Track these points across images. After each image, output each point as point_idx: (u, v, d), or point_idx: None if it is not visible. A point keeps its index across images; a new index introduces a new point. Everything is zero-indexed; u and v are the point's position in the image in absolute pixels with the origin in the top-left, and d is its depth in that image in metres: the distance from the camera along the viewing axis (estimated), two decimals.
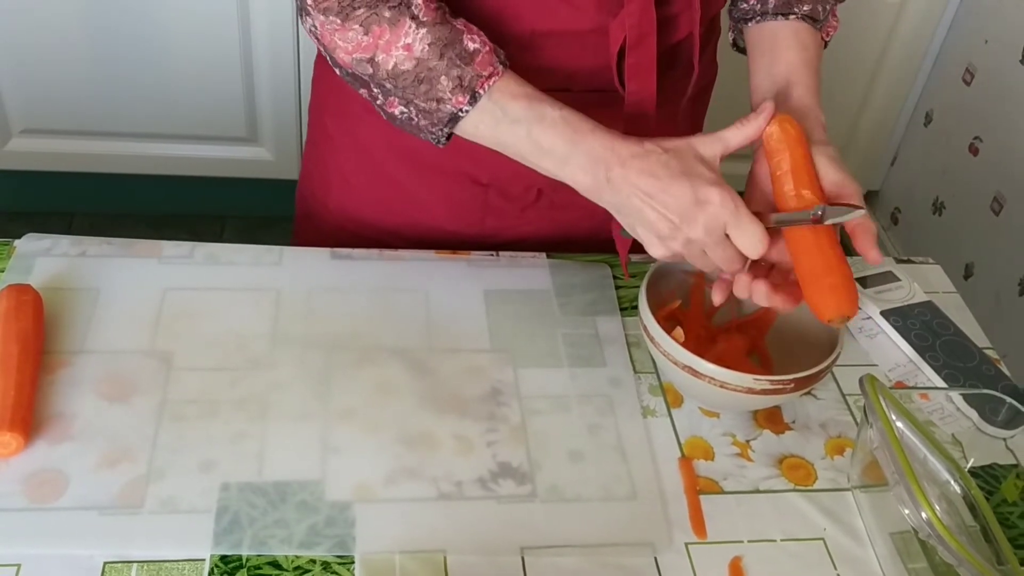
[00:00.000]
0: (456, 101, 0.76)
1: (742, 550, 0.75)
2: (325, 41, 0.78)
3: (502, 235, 1.00)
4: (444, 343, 0.88)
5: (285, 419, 0.80)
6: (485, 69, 0.76)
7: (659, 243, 0.76)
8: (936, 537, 0.66)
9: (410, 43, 0.75)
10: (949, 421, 0.84)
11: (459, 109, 0.77)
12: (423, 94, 0.77)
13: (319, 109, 1.02)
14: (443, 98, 0.76)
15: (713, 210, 0.74)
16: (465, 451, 0.79)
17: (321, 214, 1.05)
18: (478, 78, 0.76)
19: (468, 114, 0.77)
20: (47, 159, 2.05)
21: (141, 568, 0.69)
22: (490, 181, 0.96)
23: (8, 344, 0.79)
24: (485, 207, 0.97)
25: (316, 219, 1.06)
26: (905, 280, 1.01)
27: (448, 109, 0.77)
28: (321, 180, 1.04)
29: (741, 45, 0.94)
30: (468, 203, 0.98)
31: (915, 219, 2.26)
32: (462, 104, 0.76)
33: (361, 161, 0.99)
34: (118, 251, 0.93)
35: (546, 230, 1.01)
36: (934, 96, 2.19)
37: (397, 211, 1.00)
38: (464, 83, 0.76)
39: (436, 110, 0.77)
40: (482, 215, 0.98)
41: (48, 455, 0.75)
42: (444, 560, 0.72)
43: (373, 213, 1.01)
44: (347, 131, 0.98)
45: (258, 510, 0.73)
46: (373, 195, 1.00)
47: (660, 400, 0.86)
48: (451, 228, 1.00)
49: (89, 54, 1.91)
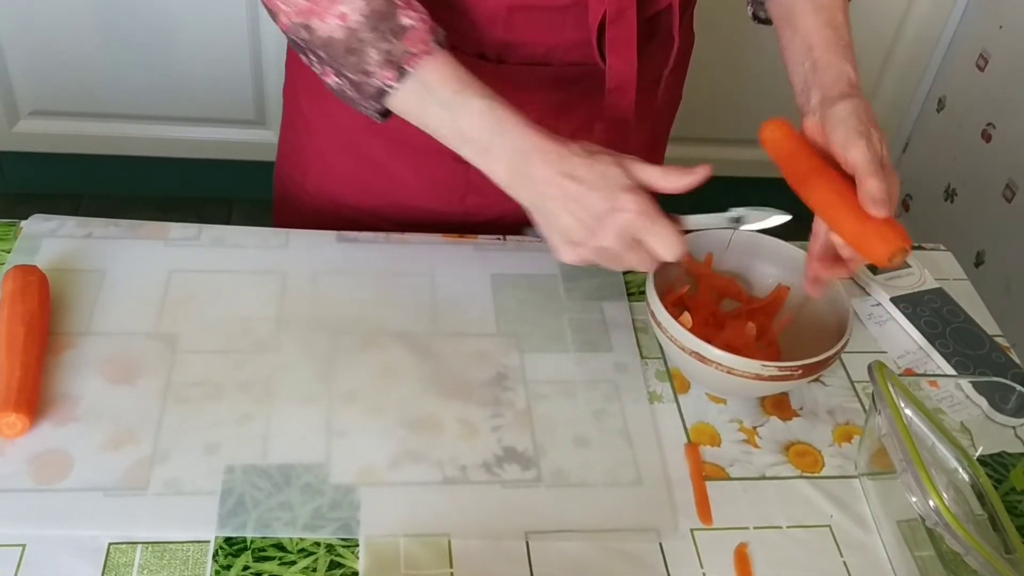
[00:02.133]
0: (383, 76, 0.75)
1: (748, 536, 0.75)
2: (270, 4, 0.77)
3: (484, 213, 0.99)
4: (450, 327, 0.88)
5: (290, 402, 0.79)
6: (416, 46, 0.74)
7: (570, 248, 0.75)
8: (943, 525, 0.65)
9: (345, 12, 0.74)
10: (958, 409, 0.84)
11: (386, 84, 0.75)
12: (352, 65, 0.75)
13: (293, 90, 1.01)
14: (371, 71, 0.75)
15: (626, 217, 0.72)
16: (470, 435, 0.79)
17: (299, 196, 1.04)
18: (407, 54, 0.74)
19: (396, 91, 0.75)
20: (55, 141, 2.05)
21: (146, 549, 0.69)
22: None
23: (14, 325, 0.79)
24: (466, 184, 0.96)
25: (295, 201, 1.05)
26: (915, 267, 1.00)
27: (375, 83, 0.75)
28: (298, 161, 1.04)
29: (762, 17, 0.92)
30: (448, 181, 0.96)
31: (926, 206, 2.24)
32: (389, 79, 0.75)
33: (338, 141, 0.98)
34: (124, 233, 0.92)
35: None
36: (947, 82, 2.17)
37: (376, 191, 0.99)
38: (392, 58, 0.74)
39: (365, 83, 0.76)
40: (463, 192, 0.97)
41: (53, 436, 0.75)
42: (448, 544, 0.72)
43: (352, 194, 1.00)
44: (322, 111, 0.97)
45: (263, 492, 0.73)
46: (351, 175, 0.99)
47: (667, 386, 0.86)
48: (432, 207, 0.99)
49: (98, 36, 1.90)
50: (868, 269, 0.99)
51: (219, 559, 0.69)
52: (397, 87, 0.75)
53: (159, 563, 0.68)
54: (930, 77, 2.20)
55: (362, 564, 0.70)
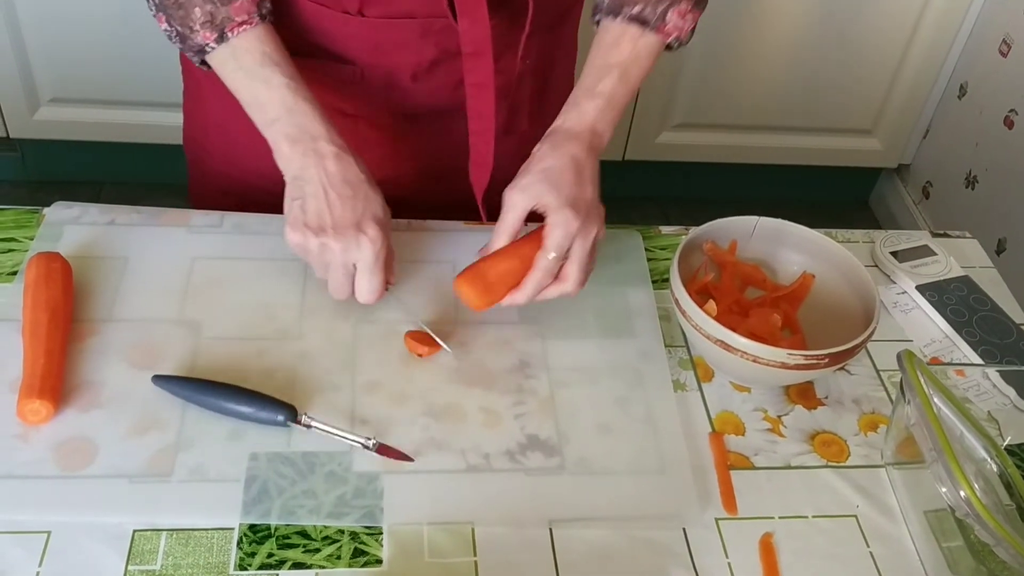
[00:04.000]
0: (204, 35, 0.81)
1: (773, 526, 0.75)
2: None
3: (378, 173, 0.94)
4: (472, 315, 0.87)
5: (313, 390, 0.79)
6: (240, 15, 0.80)
7: (300, 233, 0.79)
8: (975, 516, 0.65)
9: None
10: (985, 398, 0.83)
11: (206, 44, 0.81)
12: (180, 18, 0.81)
13: (185, 60, 1.01)
14: (193, 28, 0.81)
15: (363, 242, 0.78)
16: (493, 423, 0.79)
17: (205, 161, 1.06)
18: (229, 20, 0.80)
19: (214, 51, 0.81)
20: (76, 128, 2.05)
21: (170, 536, 0.69)
22: (356, 112, 0.95)
23: (37, 312, 0.79)
24: (357, 140, 0.91)
25: (202, 166, 1.06)
26: (941, 254, 0.99)
27: (198, 40, 0.81)
28: (201, 129, 1.05)
29: None
30: None
31: (947, 193, 2.22)
32: (209, 40, 0.81)
33: (231, 107, 0.94)
34: (147, 220, 0.92)
35: (420, 158, 1.01)
36: (969, 67, 2.14)
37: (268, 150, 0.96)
38: (215, 21, 0.80)
39: (189, 37, 0.81)
40: (357, 150, 0.93)
41: (78, 423, 0.75)
42: (472, 532, 0.72)
43: (253, 158, 0.97)
44: (216, 80, 0.94)
45: (287, 480, 0.73)
46: (251, 143, 0.95)
47: (691, 374, 0.85)
48: None
49: (118, 23, 1.90)
50: (893, 257, 0.98)
51: (243, 546, 0.69)
52: (215, 48, 0.81)
53: (184, 550, 0.69)
54: (952, 62, 2.17)
55: (386, 552, 0.70)
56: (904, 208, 2.35)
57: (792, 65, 2.09)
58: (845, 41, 2.07)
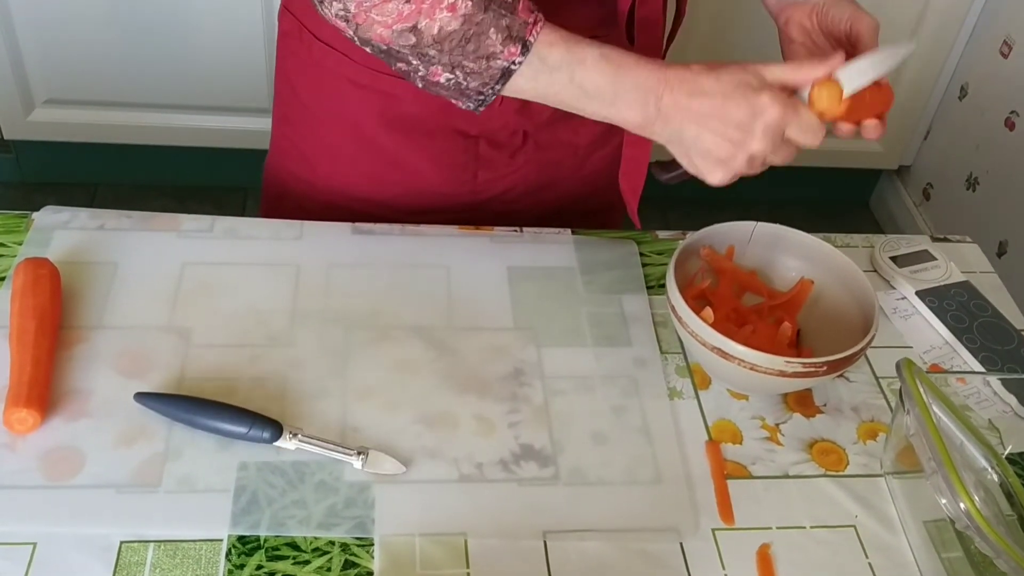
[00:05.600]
0: (508, 53, 0.72)
1: (771, 537, 0.73)
2: (360, 20, 0.74)
3: (492, 188, 0.98)
4: (466, 321, 0.86)
5: (304, 397, 0.78)
6: (529, 16, 0.73)
7: (720, 167, 0.74)
8: (975, 528, 0.64)
9: (453, 2, 0.71)
10: (986, 406, 0.82)
11: (511, 62, 0.73)
12: (471, 53, 0.73)
13: (290, 85, 0.99)
14: (494, 52, 0.72)
15: (772, 116, 0.72)
16: (487, 432, 0.78)
17: (304, 191, 1.02)
18: (525, 25, 0.72)
19: (519, 67, 0.73)
20: (70, 130, 2.04)
21: (158, 547, 0.68)
22: (479, 132, 0.94)
23: (25, 319, 0.78)
24: (477, 160, 0.95)
25: (297, 196, 1.03)
26: (941, 259, 0.98)
27: (500, 64, 0.73)
28: (300, 157, 1.02)
29: None
30: (460, 159, 0.95)
31: (948, 195, 2.21)
32: (515, 55, 0.72)
33: (348, 133, 0.96)
34: (137, 224, 0.91)
35: (533, 174, 1.00)
36: (970, 69, 2.13)
37: (389, 181, 0.97)
38: (513, 33, 0.72)
39: (487, 68, 0.73)
40: (475, 169, 0.96)
41: (65, 432, 0.74)
42: (465, 543, 0.70)
43: (365, 186, 0.98)
44: (329, 106, 0.95)
45: (276, 490, 0.72)
46: (362, 168, 0.98)
47: (687, 381, 0.84)
48: (444, 189, 0.97)
49: (113, 24, 1.89)
50: (893, 262, 0.97)
51: (232, 558, 0.68)
52: (521, 60, 0.73)
53: (171, 562, 0.67)
54: (953, 64, 2.16)
55: (377, 564, 0.69)
56: (904, 210, 2.34)
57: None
58: None
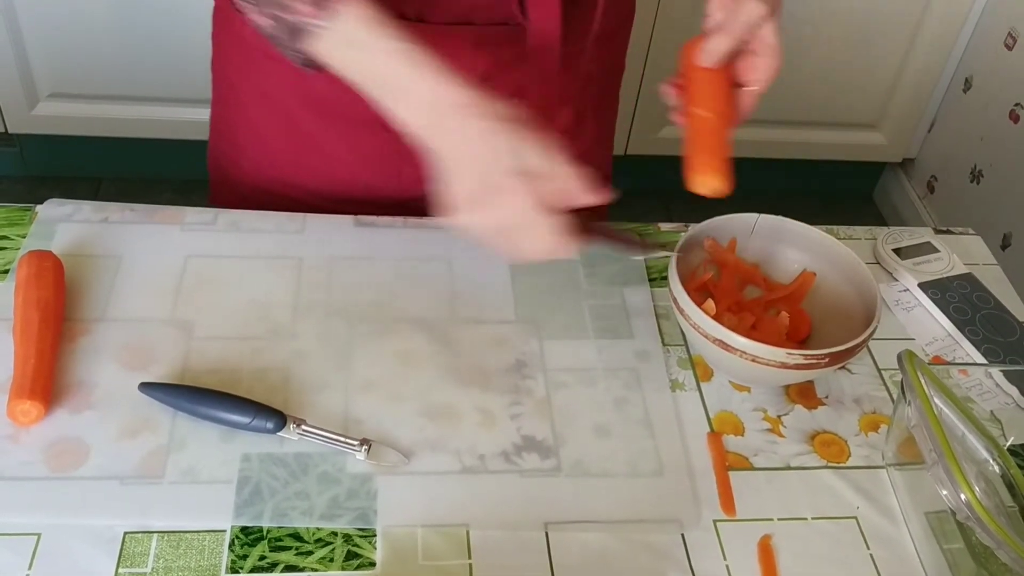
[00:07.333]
0: (308, 13, 0.69)
1: (772, 528, 0.74)
2: None
3: (419, 187, 0.93)
4: (468, 313, 0.86)
5: (306, 390, 0.78)
6: None
7: (467, 209, 0.70)
8: (975, 520, 0.64)
9: None
10: (988, 398, 0.82)
11: (310, 23, 0.69)
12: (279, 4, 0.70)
13: (222, 64, 0.97)
14: (297, 8, 0.69)
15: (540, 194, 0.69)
16: (489, 424, 0.78)
17: (236, 176, 1.01)
18: None
19: (323, 31, 0.69)
20: (74, 123, 2.04)
21: (161, 538, 0.69)
22: None
23: (29, 311, 0.78)
24: (400, 155, 0.88)
25: (232, 183, 1.02)
26: (944, 251, 0.98)
27: (298, 20, 0.70)
28: (231, 140, 1.00)
29: None
30: (381, 150, 0.93)
31: (952, 187, 2.21)
32: (307, 14, 0.69)
33: (271, 115, 0.94)
34: (140, 217, 0.92)
35: None
36: (974, 61, 2.13)
37: (312, 167, 0.96)
38: None
39: (292, 24, 0.70)
40: (399, 164, 0.93)
41: (69, 424, 0.74)
42: (467, 534, 0.71)
43: (288, 170, 0.97)
44: (254, 83, 0.93)
45: (279, 481, 0.72)
46: (285, 148, 0.96)
47: (689, 373, 0.84)
48: (367, 180, 0.96)
49: (116, 18, 1.89)
50: (895, 254, 0.97)
51: (235, 549, 0.68)
52: (316, 24, 0.69)
53: (175, 552, 0.68)
54: (957, 56, 2.15)
55: (379, 555, 0.69)
56: (908, 202, 2.34)
57: (796, 59, 2.08)
58: (849, 35, 2.05)
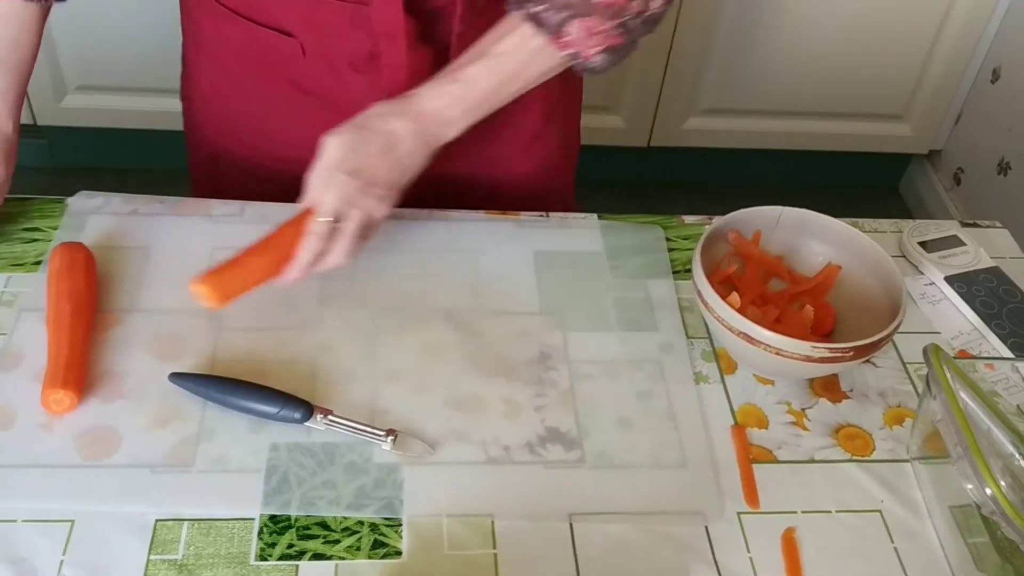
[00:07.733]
0: None
1: (796, 521, 0.74)
2: None
3: None
4: (492, 305, 0.87)
5: (333, 380, 0.79)
6: None
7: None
8: (1000, 514, 0.64)
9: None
10: (1014, 392, 0.81)
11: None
12: None
13: (181, 23, 1.00)
14: None
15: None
16: (513, 415, 0.78)
17: (196, 142, 1.04)
18: None
19: None
20: (102, 115, 2.06)
21: (192, 526, 0.70)
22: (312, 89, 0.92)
23: (61, 302, 0.79)
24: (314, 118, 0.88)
25: (197, 128, 1.04)
26: (970, 244, 0.97)
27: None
28: (199, 100, 1.02)
29: None
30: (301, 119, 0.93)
31: (979, 179, 2.19)
32: None
33: (229, 72, 0.96)
34: (168, 209, 0.93)
35: None
36: (1002, 52, 2.10)
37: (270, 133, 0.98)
38: None
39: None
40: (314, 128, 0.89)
41: (101, 413, 0.75)
42: (492, 524, 0.71)
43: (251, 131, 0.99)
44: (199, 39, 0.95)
45: (307, 471, 0.73)
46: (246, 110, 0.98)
47: (713, 366, 0.84)
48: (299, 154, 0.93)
49: (144, 10, 1.90)
50: (921, 247, 0.96)
51: (264, 536, 0.69)
52: None
53: (205, 540, 0.69)
54: (984, 46, 2.13)
55: (405, 544, 0.70)
56: (935, 195, 2.32)
57: (821, 49, 2.06)
58: (875, 25, 2.04)
